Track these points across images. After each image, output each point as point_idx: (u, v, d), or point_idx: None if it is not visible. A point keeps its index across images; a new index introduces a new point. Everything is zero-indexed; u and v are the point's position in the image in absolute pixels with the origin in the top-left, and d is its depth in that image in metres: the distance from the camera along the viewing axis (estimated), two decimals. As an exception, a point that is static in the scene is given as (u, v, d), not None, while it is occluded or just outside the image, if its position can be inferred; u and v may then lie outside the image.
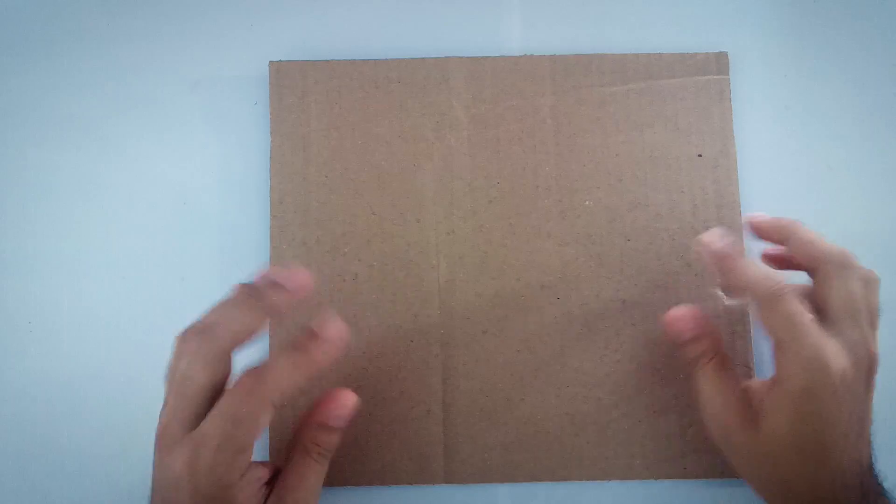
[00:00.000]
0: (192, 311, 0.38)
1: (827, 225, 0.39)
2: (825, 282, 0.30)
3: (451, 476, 0.36)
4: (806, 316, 0.28)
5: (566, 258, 0.38)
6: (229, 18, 0.41)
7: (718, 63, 0.40)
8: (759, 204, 0.39)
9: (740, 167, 0.39)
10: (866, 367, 0.28)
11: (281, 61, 0.39)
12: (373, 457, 0.36)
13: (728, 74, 0.39)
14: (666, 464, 0.36)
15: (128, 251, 0.39)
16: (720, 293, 0.37)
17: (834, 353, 0.27)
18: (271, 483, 0.30)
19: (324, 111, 0.39)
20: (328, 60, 0.39)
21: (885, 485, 0.29)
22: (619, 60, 0.39)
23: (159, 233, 0.39)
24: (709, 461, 0.36)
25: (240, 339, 0.28)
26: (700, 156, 0.39)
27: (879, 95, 0.40)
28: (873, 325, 0.29)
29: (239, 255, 0.39)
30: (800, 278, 0.31)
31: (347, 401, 0.32)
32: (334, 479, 0.36)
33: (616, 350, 0.37)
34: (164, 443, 0.27)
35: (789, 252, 0.32)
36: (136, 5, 0.41)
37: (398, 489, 0.36)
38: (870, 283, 0.30)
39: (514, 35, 0.41)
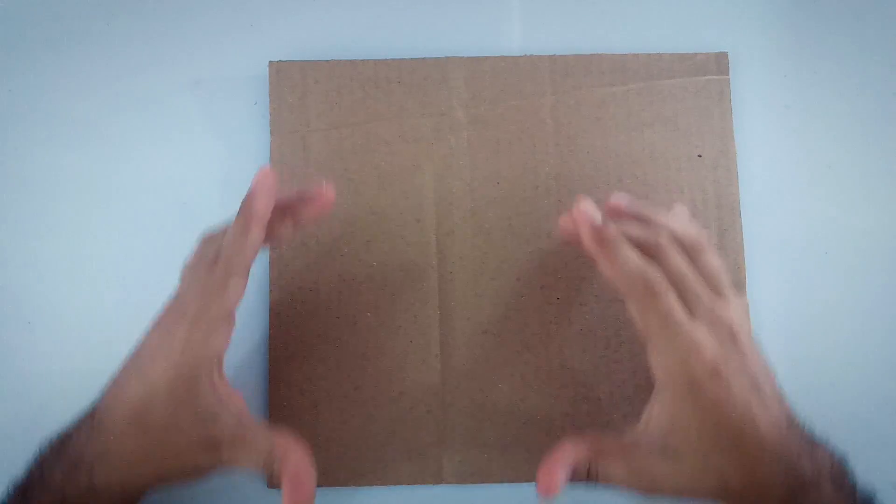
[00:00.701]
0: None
1: (827, 225, 0.39)
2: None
3: (451, 476, 0.36)
4: (679, 312, 0.28)
5: (566, 258, 0.38)
6: (229, 18, 0.41)
7: (718, 63, 0.40)
8: (759, 204, 0.39)
9: (740, 167, 0.39)
10: (731, 336, 0.28)
11: (281, 61, 0.39)
12: (373, 457, 0.36)
13: (728, 74, 0.39)
14: (666, 464, 0.36)
15: (128, 251, 0.39)
16: (720, 293, 0.37)
17: (703, 338, 0.27)
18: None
19: (323, 111, 0.39)
20: (328, 60, 0.39)
21: (815, 435, 0.28)
22: (619, 60, 0.39)
23: (159, 233, 0.39)
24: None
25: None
26: (700, 156, 0.39)
27: (879, 95, 0.40)
28: (718, 291, 0.29)
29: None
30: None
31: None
32: (334, 479, 0.36)
33: (616, 350, 0.37)
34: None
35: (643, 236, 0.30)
36: (136, 5, 0.41)
37: (398, 489, 0.36)
38: (695, 251, 0.30)
39: (514, 35, 0.41)
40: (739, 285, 0.38)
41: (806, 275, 0.39)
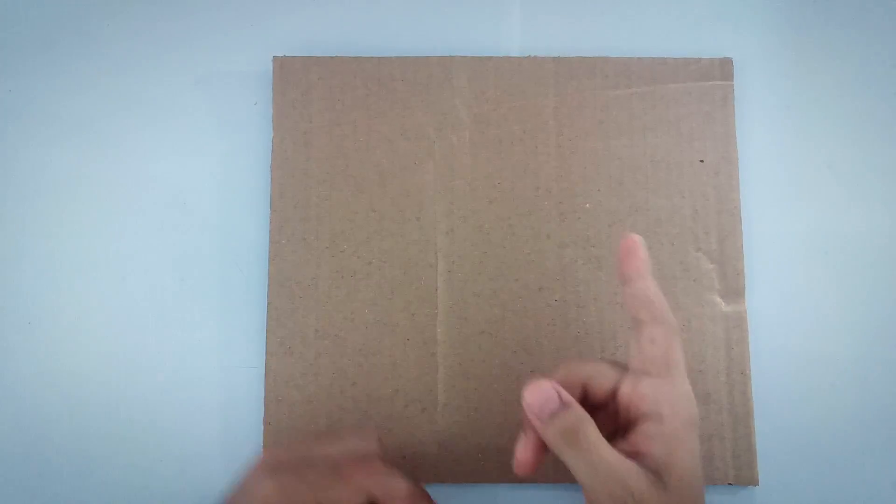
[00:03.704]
0: (193, 311, 0.38)
1: (827, 231, 0.39)
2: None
3: (445, 475, 0.36)
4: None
5: (565, 260, 0.38)
6: (233, 13, 0.41)
7: (723, 69, 0.39)
8: (760, 210, 0.39)
9: (742, 173, 0.39)
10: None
11: (285, 56, 0.39)
12: (366, 453, 0.36)
13: (732, 80, 0.39)
14: (659, 468, 0.36)
15: (128, 251, 0.39)
16: (718, 298, 0.37)
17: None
18: None
19: (326, 107, 0.39)
20: (331, 56, 0.39)
21: None
22: (623, 63, 0.39)
23: (159, 233, 0.39)
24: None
25: None
26: (702, 161, 0.39)
27: (883, 103, 0.40)
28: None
29: (238, 255, 0.39)
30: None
31: None
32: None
33: (612, 354, 0.37)
34: None
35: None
36: (136, 2, 0.41)
37: (391, 486, 0.36)
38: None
39: (518, 36, 0.41)
40: (738, 292, 0.38)
41: (806, 279, 0.39)
